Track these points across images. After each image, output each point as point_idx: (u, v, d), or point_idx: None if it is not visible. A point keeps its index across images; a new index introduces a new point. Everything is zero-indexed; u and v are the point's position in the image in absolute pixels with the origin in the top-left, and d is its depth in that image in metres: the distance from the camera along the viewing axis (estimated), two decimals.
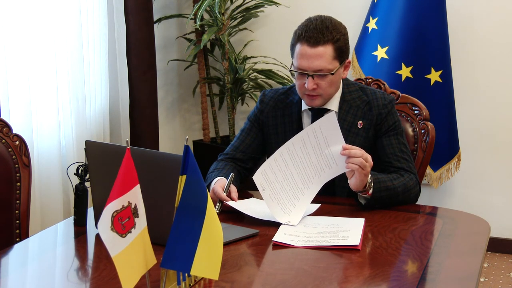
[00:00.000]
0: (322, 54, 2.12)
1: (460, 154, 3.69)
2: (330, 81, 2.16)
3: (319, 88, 2.16)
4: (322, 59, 2.12)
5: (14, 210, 2.06)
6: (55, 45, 2.92)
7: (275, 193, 1.97)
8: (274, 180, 1.97)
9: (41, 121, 2.89)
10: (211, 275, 1.39)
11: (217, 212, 1.96)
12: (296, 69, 2.16)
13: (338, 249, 1.76)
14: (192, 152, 1.35)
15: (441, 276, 1.63)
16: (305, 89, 2.16)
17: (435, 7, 3.51)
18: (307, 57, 2.13)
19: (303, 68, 2.14)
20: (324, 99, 2.21)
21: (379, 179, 2.08)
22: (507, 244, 3.84)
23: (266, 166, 1.97)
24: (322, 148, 1.99)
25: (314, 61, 2.12)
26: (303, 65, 2.14)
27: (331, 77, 2.15)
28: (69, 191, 3.02)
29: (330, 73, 2.14)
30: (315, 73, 2.13)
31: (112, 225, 1.24)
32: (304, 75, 2.15)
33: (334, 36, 2.13)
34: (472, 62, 3.78)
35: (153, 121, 3.69)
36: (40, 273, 1.70)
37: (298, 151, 1.99)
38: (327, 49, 2.12)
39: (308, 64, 2.13)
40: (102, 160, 1.78)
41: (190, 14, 3.83)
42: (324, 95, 2.19)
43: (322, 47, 2.12)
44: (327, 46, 2.12)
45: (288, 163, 1.99)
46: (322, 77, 2.14)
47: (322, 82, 2.15)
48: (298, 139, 1.99)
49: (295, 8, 3.93)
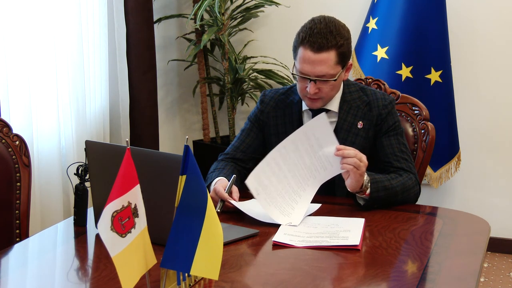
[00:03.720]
0: (325, 60, 2.10)
1: (460, 154, 3.69)
2: (332, 85, 2.16)
3: (321, 92, 2.15)
4: (325, 65, 2.11)
5: (14, 210, 2.06)
6: (55, 45, 2.92)
7: (270, 197, 1.96)
8: (268, 184, 1.97)
9: (41, 121, 2.89)
10: (211, 275, 1.38)
11: (218, 211, 1.97)
12: (298, 73, 2.16)
13: (338, 249, 1.76)
14: (192, 152, 1.35)
15: (441, 276, 1.63)
16: (306, 92, 2.16)
17: (435, 7, 3.51)
18: (310, 63, 2.11)
19: (305, 73, 2.13)
20: (325, 102, 2.21)
21: (376, 179, 2.08)
22: (507, 244, 3.84)
23: (259, 170, 1.97)
24: (315, 150, 1.99)
25: (317, 66, 2.11)
26: (305, 70, 2.13)
27: (333, 82, 2.15)
28: (69, 191, 3.02)
29: (333, 79, 2.14)
30: (317, 79, 2.13)
31: (112, 225, 1.24)
32: (306, 79, 2.15)
33: (338, 42, 2.11)
34: (472, 62, 3.78)
35: (153, 121, 3.69)
36: (40, 273, 1.70)
37: (291, 154, 1.99)
38: (330, 55, 2.11)
39: (310, 69, 2.12)
40: (102, 160, 1.78)
41: (190, 14, 3.83)
42: (325, 98, 2.19)
43: (325, 53, 2.10)
44: (330, 52, 2.11)
45: (281, 166, 1.99)
46: (324, 82, 2.14)
47: (324, 87, 2.15)
48: (290, 142, 1.98)
49: (295, 8, 3.93)
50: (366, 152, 2.23)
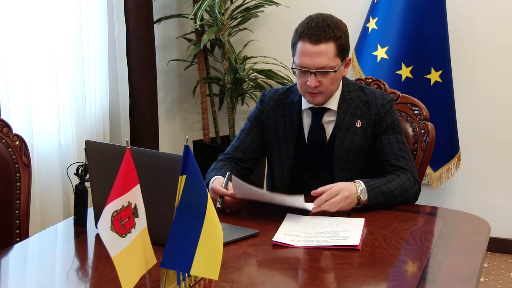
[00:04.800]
0: (324, 51, 2.12)
1: (460, 154, 3.69)
2: (332, 78, 2.16)
3: (321, 86, 2.16)
4: (324, 56, 2.12)
5: (14, 210, 2.06)
6: (55, 45, 2.92)
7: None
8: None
9: (41, 121, 2.89)
10: (211, 275, 1.39)
11: (218, 207, 1.97)
12: (298, 67, 2.16)
13: (338, 249, 1.76)
14: (192, 152, 1.35)
15: (441, 276, 1.63)
16: (307, 87, 2.16)
17: (435, 7, 3.51)
18: (310, 55, 2.13)
19: (305, 66, 2.14)
20: (326, 97, 2.21)
21: (372, 185, 2.08)
22: (507, 244, 3.84)
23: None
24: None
25: (316, 58, 2.12)
26: (305, 62, 2.14)
27: (333, 74, 2.15)
28: (69, 191, 3.02)
29: (333, 70, 2.14)
30: (318, 71, 2.13)
31: (112, 225, 1.24)
32: (306, 72, 2.15)
33: (336, 34, 2.13)
34: (472, 62, 3.78)
35: (153, 121, 3.69)
36: (40, 273, 1.70)
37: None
38: (329, 47, 2.13)
39: (310, 61, 2.13)
40: (102, 160, 1.78)
41: (190, 14, 3.83)
42: (326, 92, 2.19)
43: (324, 45, 2.12)
44: (329, 43, 2.13)
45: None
46: (324, 75, 2.14)
47: (324, 80, 2.15)
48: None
49: (295, 8, 3.93)
50: (365, 151, 2.24)
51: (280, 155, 2.29)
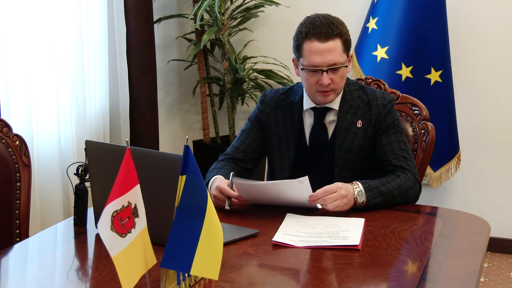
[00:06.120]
0: (333, 48, 2.13)
1: (460, 154, 3.69)
2: (342, 74, 2.17)
3: (333, 83, 2.16)
4: (334, 52, 2.13)
5: (14, 210, 2.06)
6: (55, 45, 2.92)
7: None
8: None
9: (41, 121, 2.89)
10: (211, 275, 1.38)
11: (227, 209, 1.99)
12: (309, 67, 2.16)
13: (338, 249, 1.76)
14: (192, 152, 1.35)
15: (441, 276, 1.63)
16: (317, 86, 2.17)
17: (435, 7, 3.51)
18: (320, 53, 2.13)
19: (316, 64, 2.14)
20: (336, 94, 2.22)
21: (371, 186, 2.07)
22: (507, 244, 3.84)
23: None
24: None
25: (328, 55, 2.13)
26: (316, 61, 2.14)
27: (343, 70, 2.16)
28: (69, 191, 3.02)
29: (344, 65, 2.15)
30: (329, 68, 2.14)
31: (112, 225, 1.24)
32: (317, 72, 2.15)
33: (341, 30, 2.16)
34: (472, 62, 3.77)
35: (153, 121, 3.69)
36: (40, 273, 1.70)
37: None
38: (336, 43, 2.14)
39: (322, 59, 2.13)
40: (102, 160, 1.78)
41: (190, 14, 3.83)
42: (337, 89, 2.20)
43: (332, 41, 2.13)
44: (336, 40, 2.14)
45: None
46: (335, 71, 2.15)
47: (335, 77, 2.16)
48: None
49: (295, 8, 3.93)
50: (365, 151, 2.24)
51: (280, 155, 2.29)
